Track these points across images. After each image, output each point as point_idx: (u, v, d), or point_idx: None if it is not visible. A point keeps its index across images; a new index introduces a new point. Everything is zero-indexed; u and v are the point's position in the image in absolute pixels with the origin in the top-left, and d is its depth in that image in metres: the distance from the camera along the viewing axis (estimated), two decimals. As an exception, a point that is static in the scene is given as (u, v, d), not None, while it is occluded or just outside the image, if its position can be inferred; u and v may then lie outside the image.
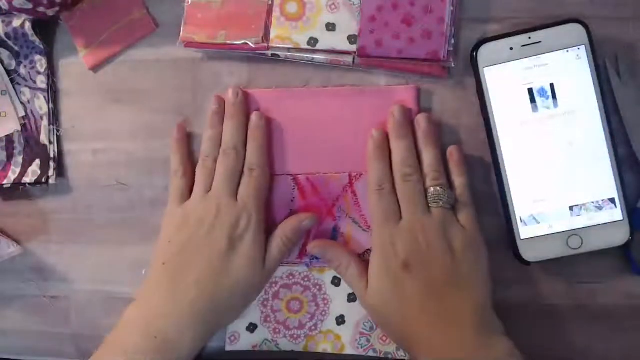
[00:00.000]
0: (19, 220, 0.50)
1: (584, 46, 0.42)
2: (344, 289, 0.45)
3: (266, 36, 0.45)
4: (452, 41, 0.43)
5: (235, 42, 0.45)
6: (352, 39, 0.44)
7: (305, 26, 0.44)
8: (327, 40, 0.44)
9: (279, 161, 0.46)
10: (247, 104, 0.46)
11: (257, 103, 0.46)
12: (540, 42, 0.42)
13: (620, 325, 0.44)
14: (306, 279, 0.45)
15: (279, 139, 0.46)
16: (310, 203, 0.45)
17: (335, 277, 0.45)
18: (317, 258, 0.45)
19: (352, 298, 0.45)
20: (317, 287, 0.45)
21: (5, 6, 0.45)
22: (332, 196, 0.45)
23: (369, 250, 0.44)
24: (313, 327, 0.45)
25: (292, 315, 0.45)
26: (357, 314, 0.44)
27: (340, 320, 0.45)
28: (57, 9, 0.47)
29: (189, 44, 0.46)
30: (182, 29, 0.46)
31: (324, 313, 0.45)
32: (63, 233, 0.50)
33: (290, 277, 0.45)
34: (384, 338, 0.44)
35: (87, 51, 0.49)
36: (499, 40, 0.43)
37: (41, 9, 0.46)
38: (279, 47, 0.45)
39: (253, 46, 0.45)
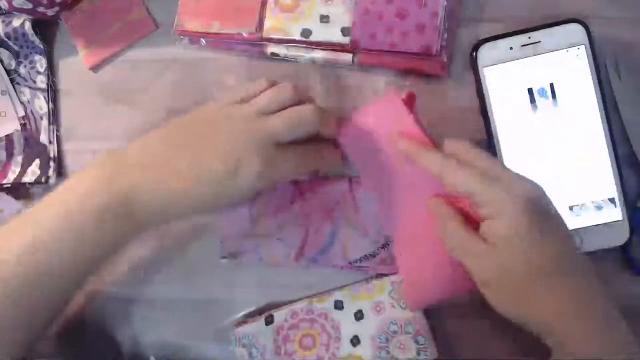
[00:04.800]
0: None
1: (583, 46, 0.42)
2: (349, 310, 0.44)
3: (260, 27, 0.45)
4: (446, 36, 0.43)
5: (229, 32, 0.45)
6: (345, 31, 0.44)
7: (299, 18, 0.44)
8: (321, 32, 0.44)
9: None
10: None
11: None
12: (540, 42, 0.42)
13: (621, 326, 0.44)
14: (310, 313, 0.45)
15: None
16: (311, 206, 0.45)
17: (337, 302, 0.44)
18: (314, 261, 0.45)
19: (359, 317, 0.44)
20: (323, 316, 0.45)
21: (5, 6, 0.45)
22: (333, 200, 0.45)
23: (366, 256, 0.44)
24: (332, 357, 0.44)
25: (308, 352, 0.44)
26: (369, 330, 0.44)
27: (355, 341, 0.44)
28: (57, 9, 0.47)
29: (182, 33, 0.46)
30: (176, 17, 0.46)
31: (337, 339, 0.44)
32: (63, 233, 0.49)
33: (295, 317, 0.45)
34: (402, 346, 0.43)
35: (87, 51, 0.49)
36: (499, 40, 0.43)
37: (41, 9, 0.46)
38: (273, 38, 0.45)
39: (247, 36, 0.45)
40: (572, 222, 0.42)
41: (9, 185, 0.49)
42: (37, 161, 0.49)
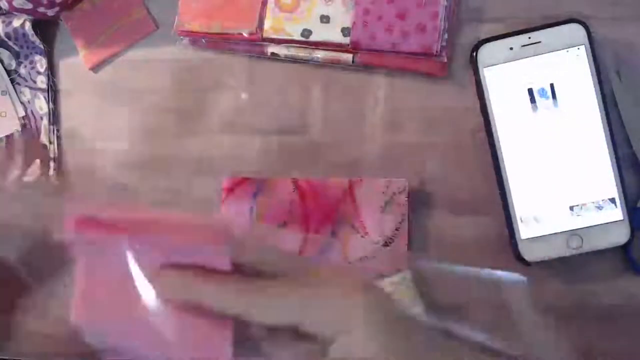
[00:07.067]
0: (19, 220, 0.50)
1: (583, 46, 0.42)
2: None
3: (260, 27, 0.45)
4: (446, 36, 0.43)
5: (229, 32, 0.45)
6: (345, 31, 0.44)
7: (299, 18, 0.44)
8: (321, 33, 0.44)
9: None
10: None
11: None
12: (540, 42, 0.42)
13: (621, 325, 0.44)
14: None
15: None
16: (309, 207, 0.45)
17: None
18: (314, 261, 0.45)
19: None
20: None
21: (5, 6, 0.45)
22: (332, 201, 0.45)
23: (365, 257, 0.44)
24: None
25: None
26: None
27: None
28: (57, 9, 0.47)
29: (182, 33, 0.46)
30: (176, 17, 0.46)
31: None
32: (63, 233, 0.49)
33: None
34: None
35: (87, 51, 0.49)
36: (499, 40, 0.43)
37: (41, 9, 0.46)
38: (273, 38, 0.45)
39: (247, 36, 0.45)
40: (572, 222, 0.42)
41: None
42: (37, 161, 0.49)
